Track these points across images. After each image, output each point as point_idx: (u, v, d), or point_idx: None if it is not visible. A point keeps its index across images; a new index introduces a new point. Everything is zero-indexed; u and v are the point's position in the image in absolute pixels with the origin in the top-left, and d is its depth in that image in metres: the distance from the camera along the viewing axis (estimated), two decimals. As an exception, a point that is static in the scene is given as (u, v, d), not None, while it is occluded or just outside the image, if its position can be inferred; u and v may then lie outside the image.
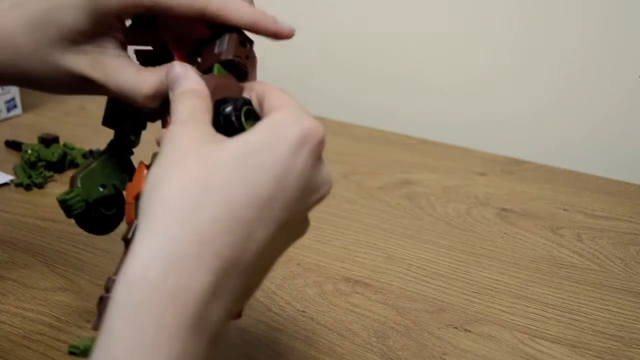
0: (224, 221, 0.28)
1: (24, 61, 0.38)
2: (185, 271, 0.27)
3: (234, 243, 0.28)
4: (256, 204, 0.28)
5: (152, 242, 0.27)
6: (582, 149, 0.79)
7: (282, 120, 0.30)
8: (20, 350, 0.47)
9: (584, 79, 0.78)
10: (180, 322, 0.26)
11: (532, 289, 0.53)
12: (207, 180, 0.28)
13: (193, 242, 0.27)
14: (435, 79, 0.87)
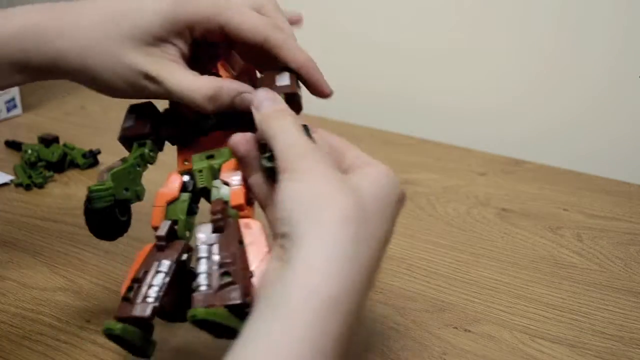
0: (373, 252, 0.33)
1: (89, 52, 0.41)
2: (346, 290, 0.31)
3: (372, 270, 0.33)
4: (384, 240, 0.34)
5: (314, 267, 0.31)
6: (583, 149, 0.79)
7: (387, 176, 0.36)
8: (20, 350, 0.47)
9: (584, 79, 0.78)
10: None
11: (532, 289, 0.53)
12: (359, 214, 0.32)
13: (348, 266, 0.31)
14: (436, 78, 0.87)
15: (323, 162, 0.35)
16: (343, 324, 0.30)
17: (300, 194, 0.33)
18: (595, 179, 0.72)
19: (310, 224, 0.32)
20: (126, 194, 0.42)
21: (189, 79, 0.41)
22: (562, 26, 0.77)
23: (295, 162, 0.34)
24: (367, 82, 0.92)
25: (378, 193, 0.34)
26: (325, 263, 0.31)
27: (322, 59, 1.03)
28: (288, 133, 0.36)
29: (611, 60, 0.75)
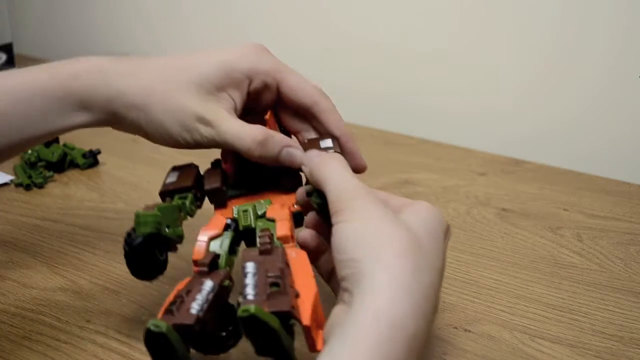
0: (432, 280, 0.35)
1: (149, 91, 0.45)
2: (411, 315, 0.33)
3: (433, 297, 0.35)
4: (440, 270, 0.36)
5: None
6: (583, 149, 0.79)
7: (433, 213, 0.38)
8: (20, 350, 0.47)
9: (584, 79, 0.78)
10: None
11: (532, 289, 0.53)
12: (416, 247, 0.35)
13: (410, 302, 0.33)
14: (436, 78, 0.87)
15: (374, 202, 0.36)
16: (408, 348, 0.32)
17: (358, 234, 0.35)
18: (595, 179, 0.72)
19: (373, 260, 0.33)
20: (168, 231, 0.42)
21: (241, 124, 0.44)
22: (562, 26, 0.77)
23: (349, 202, 0.36)
24: (367, 82, 0.92)
25: (428, 227, 0.37)
26: (389, 290, 0.32)
27: (322, 58, 1.03)
28: (339, 175, 0.39)
29: (611, 60, 0.75)
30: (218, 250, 0.41)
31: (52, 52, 1.18)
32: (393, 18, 0.87)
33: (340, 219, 0.36)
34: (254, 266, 0.36)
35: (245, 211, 0.44)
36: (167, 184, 0.46)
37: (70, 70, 0.46)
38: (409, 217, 0.37)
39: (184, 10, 1.04)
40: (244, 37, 1.00)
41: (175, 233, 0.43)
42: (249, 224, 0.43)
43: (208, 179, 0.46)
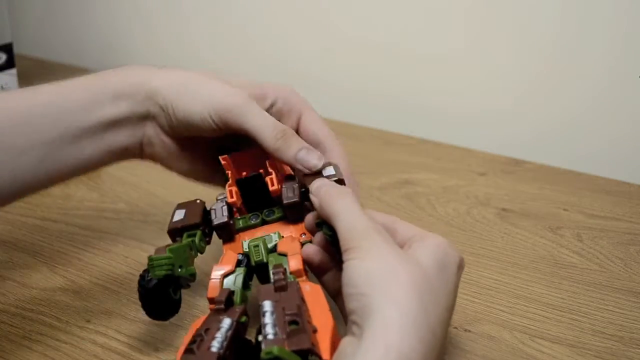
0: (439, 316, 0.35)
1: (181, 86, 0.48)
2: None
3: (440, 332, 0.35)
4: (449, 306, 0.37)
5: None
6: (583, 149, 0.79)
7: (444, 247, 0.39)
8: (20, 350, 0.47)
9: (584, 79, 0.78)
10: None
11: (532, 289, 0.53)
12: (424, 283, 0.35)
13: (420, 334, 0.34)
14: (436, 78, 0.87)
15: (384, 240, 0.37)
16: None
17: (369, 271, 0.36)
18: (595, 179, 0.72)
19: (382, 294, 0.34)
20: (181, 271, 0.43)
21: (266, 114, 0.47)
22: (562, 26, 0.77)
23: (359, 241, 0.37)
24: (367, 82, 0.92)
25: (438, 263, 0.37)
26: (399, 326, 0.33)
27: (322, 58, 1.03)
28: (349, 213, 0.39)
29: (611, 60, 0.75)
30: (232, 287, 0.42)
31: (52, 52, 1.18)
32: (393, 18, 0.87)
33: (351, 257, 0.37)
34: (271, 305, 0.37)
35: (256, 246, 0.44)
36: (175, 222, 0.46)
37: (111, 70, 0.50)
38: (419, 252, 0.38)
39: (184, 11, 1.04)
40: (244, 37, 1.00)
41: (187, 272, 0.43)
42: (261, 258, 0.44)
43: (215, 214, 0.46)
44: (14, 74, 0.89)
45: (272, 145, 0.45)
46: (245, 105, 0.46)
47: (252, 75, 1.00)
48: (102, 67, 1.16)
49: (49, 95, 0.48)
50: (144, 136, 0.49)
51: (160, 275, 0.41)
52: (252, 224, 0.47)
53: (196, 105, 0.47)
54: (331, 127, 0.86)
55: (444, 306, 0.36)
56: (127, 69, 0.50)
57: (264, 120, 0.46)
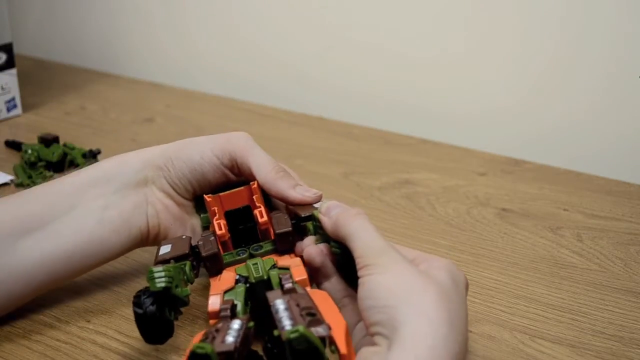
0: (462, 330, 0.36)
1: (187, 144, 0.50)
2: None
3: (463, 345, 0.36)
4: (466, 321, 0.38)
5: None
6: (583, 149, 0.79)
7: (452, 266, 0.40)
8: (20, 350, 0.47)
9: (584, 79, 0.78)
10: None
11: (532, 289, 0.53)
12: (447, 298, 0.37)
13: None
14: (436, 78, 0.87)
15: (400, 257, 0.39)
16: None
17: (391, 283, 0.37)
18: (595, 179, 0.72)
19: (409, 306, 0.35)
20: (177, 290, 0.41)
21: (264, 153, 0.49)
22: (563, 27, 0.77)
23: (377, 258, 0.38)
24: (367, 82, 0.92)
25: (454, 281, 0.38)
26: (429, 337, 0.34)
27: (322, 59, 1.03)
28: (366, 232, 0.40)
29: (611, 60, 0.75)
30: (234, 301, 0.41)
31: (52, 52, 1.18)
32: (393, 18, 0.87)
33: (369, 272, 0.38)
34: (283, 301, 0.36)
35: (255, 264, 0.44)
36: (163, 254, 0.44)
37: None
38: (435, 271, 0.38)
39: (184, 11, 1.04)
40: (244, 37, 1.00)
41: (183, 293, 0.42)
42: (261, 275, 0.43)
43: (204, 246, 0.45)
44: (14, 74, 0.89)
45: (272, 181, 0.47)
46: (249, 141, 0.49)
47: (252, 75, 1.00)
48: (102, 67, 1.17)
49: (41, 188, 0.50)
50: (145, 204, 0.49)
51: (161, 287, 0.40)
52: (240, 259, 0.46)
53: (199, 146, 0.49)
54: (331, 127, 0.86)
55: (463, 316, 0.37)
56: (114, 157, 0.51)
57: (266, 156, 0.48)
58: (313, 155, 0.78)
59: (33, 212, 0.47)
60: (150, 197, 0.49)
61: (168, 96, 0.98)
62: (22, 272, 0.47)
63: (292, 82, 0.97)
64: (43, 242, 0.47)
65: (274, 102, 0.94)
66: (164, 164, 0.49)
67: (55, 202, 0.48)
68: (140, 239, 0.50)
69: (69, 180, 0.49)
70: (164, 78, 1.05)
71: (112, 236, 0.49)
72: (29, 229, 0.47)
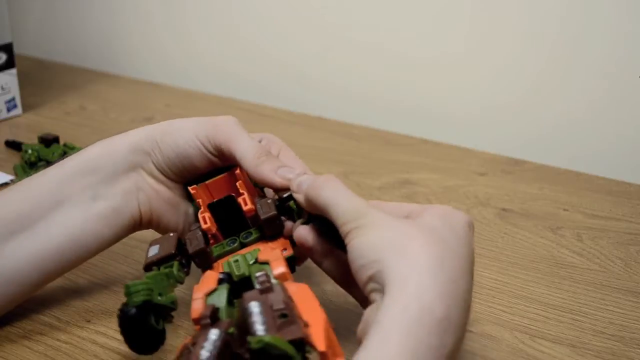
0: (459, 269, 0.35)
1: (170, 126, 0.49)
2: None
3: (462, 284, 0.35)
4: (466, 258, 0.37)
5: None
6: (583, 149, 0.79)
7: (449, 210, 0.39)
8: (20, 350, 0.47)
9: (584, 79, 0.78)
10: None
11: (532, 289, 0.53)
12: (439, 240, 0.36)
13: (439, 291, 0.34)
14: (436, 78, 0.87)
15: (381, 215, 0.37)
16: (438, 331, 0.33)
17: (377, 239, 0.36)
18: (595, 179, 0.72)
19: (396, 255, 0.35)
20: (161, 299, 0.41)
21: (249, 136, 0.47)
22: (563, 26, 0.77)
23: (358, 221, 0.37)
24: (367, 82, 0.92)
25: (447, 223, 0.37)
26: (416, 277, 0.33)
27: (322, 58, 1.03)
28: (341, 197, 0.39)
29: (611, 60, 0.75)
30: (217, 304, 0.40)
31: (52, 52, 1.18)
32: (393, 18, 0.87)
33: (353, 236, 0.37)
34: (258, 304, 0.36)
35: (236, 261, 0.43)
36: (151, 257, 0.44)
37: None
38: (427, 218, 0.37)
39: (184, 11, 1.04)
40: (244, 37, 1.00)
41: (168, 299, 0.41)
42: (242, 272, 0.42)
43: (190, 243, 0.45)
44: (14, 74, 0.89)
45: (254, 160, 0.45)
46: (233, 125, 0.47)
47: (252, 75, 1.00)
48: (102, 67, 1.17)
49: (24, 182, 0.48)
50: (135, 190, 0.48)
51: (138, 301, 0.39)
52: (230, 249, 0.45)
53: (184, 132, 0.47)
54: (331, 127, 0.86)
55: (462, 256, 0.36)
56: (98, 143, 0.50)
57: (249, 140, 0.46)
58: (313, 155, 0.78)
59: (19, 212, 0.46)
60: (140, 182, 0.48)
61: (168, 96, 0.98)
62: (13, 273, 0.46)
63: (292, 82, 0.97)
64: (32, 242, 0.46)
65: (274, 102, 0.94)
66: (150, 149, 0.48)
67: (40, 200, 0.47)
68: (133, 226, 0.49)
69: (53, 173, 0.48)
70: (164, 78, 1.05)
71: (103, 228, 0.47)
72: (16, 230, 0.46)
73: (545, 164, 0.76)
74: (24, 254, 0.46)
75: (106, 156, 0.48)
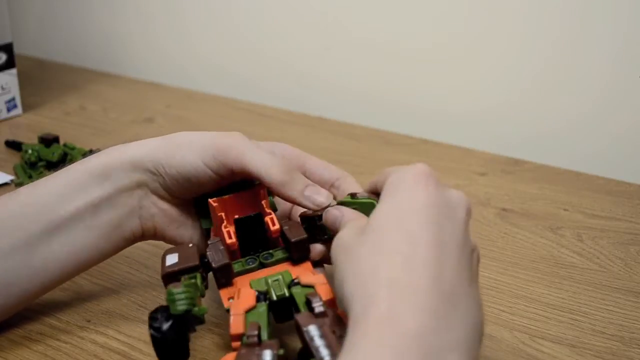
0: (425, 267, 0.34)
1: (178, 139, 0.47)
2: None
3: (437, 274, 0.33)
4: (435, 239, 0.35)
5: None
6: (583, 149, 0.79)
7: (399, 177, 0.39)
8: (20, 350, 0.47)
9: (584, 79, 0.78)
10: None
11: (532, 289, 0.53)
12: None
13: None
14: (436, 78, 0.87)
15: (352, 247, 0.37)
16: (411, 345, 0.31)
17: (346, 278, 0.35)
18: (595, 179, 0.72)
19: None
20: (195, 310, 0.40)
21: (269, 153, 0.45)
22: (563, 26, 0.77)
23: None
24: (367, 82, 0.92)
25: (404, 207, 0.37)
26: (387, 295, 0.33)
27: (322, 58, 1.03)
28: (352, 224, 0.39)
29: (611, 60, 0.75)
30: (258, 322, 0.39)
31: (52, 52, 1.18)
32: (393, 18, 0.87)
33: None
34: (317, 327, 0.35)
35: (276, 280, 0.42)
36: (171, 266, 0.42)
37: (90, 156, 0.48)
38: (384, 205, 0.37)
39: (184, 11, 1.04)
40: (244, 37, 1.00)
41: (201, 311, 0.40)
42: (282, 293, 0.41)
43: (213, 256, 0.43)
44: (14, 74, 0.89)
45: (279, 180, 0.43)
46: (243, 143, 0.44)
47: (252, 75, 1.00)
48: (102, 67, 1.17)
49: (25, 195, 0.47)
50: (138, 208, 0.47)
51: (183, 310, 0.38)
52: (250, 268, 0.44)
53: (189, 155, 0.45)
54: (331, 127, 0.86)
55: (435, 262, 0.34)
56: (103, 151, 0.48)
57: (266, 156, 0.44)
58: (313, 155, 0.78)
59: (19, 226, 0.45)
60: (144, 200, 0.47)
61: (168, 96, 0.98)
62: (13, 286, 0.46)
63: (292, 82, 0.97)
64: (33, 256, 0.45)
65: (274, 102, 0.94)
66: (154, 168, 0.46)
67: (42, 211, 0.46)
68: (133, 240, 0.49)
69: (55, 186, 0.47)
70: (164, 78, 1.05)
71: (104, 243, 0.47)
72: (17, 245, 0.45)
73: (545, 164, 0.76)
74: (24, 267, 0.46)
75: (109, 170, 0.47)
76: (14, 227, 0.45)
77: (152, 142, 0.47)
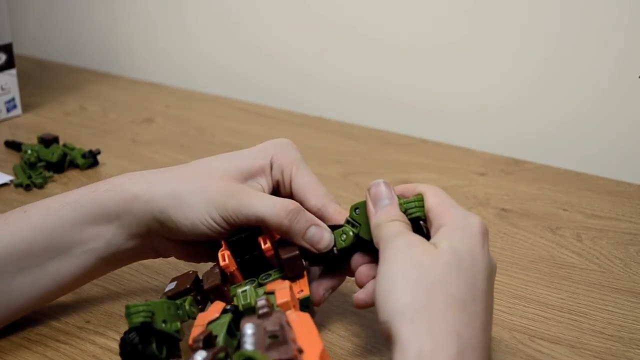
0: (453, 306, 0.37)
1: (177, 181, 0.47)
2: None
3: (465, 321, 0.36)
4: (469, 289, 0.38)
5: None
6: (583, 149, 0.79)
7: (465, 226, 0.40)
8: (19, 350, 0.47)
9: (584, 79, 0.78)
10: None
11: (531, 289, 0.53)
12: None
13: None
14: (436, 78, 0.87)
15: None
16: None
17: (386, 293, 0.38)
18: (595, 179, 0.72)
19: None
20: (164, 326, 0.41)
21: (271, 196, 0.46)
22: (563, 26, 0.77)
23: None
24: (367, 82, 0.92)
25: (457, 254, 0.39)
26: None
27: (322, 58, 1.03)
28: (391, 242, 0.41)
29: (611, 60, 0.75)
30: (216, 332, 0.40)
31: (52, 52, 1.18)
32: (393, 18, 0.87)
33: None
34: (253, 326, 0.36)
35: (244, 291, 0.43)
36: (166, 291, 0.45)
37: (101, 185, 0.47)
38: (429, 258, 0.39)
39: (183, 10, 1.04)
40: (244, 37, 1.00)
41: (172, 328, 0.41)
42: (248, 302, 0.42)
43: (207, 279, 0.45)
44: (14, 74, 0.89)
45: (283, 225, 0.44)
46: (243, 197, 0.45)
47: (252, 75, 1.00)
48: (102, 67, 1.17)
49: (37, 217, 0.47)
50: (151, 245, 0.48)
51: (137, 322, 0.39)
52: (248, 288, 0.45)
53: (196, 214, 0.45)
54: (331, 127, 0.86)
55: (455, 297, 0.37)
56: (116, 185, 0.47)
57: (268, 203, 0.44)
58: (313, 155, 0.78)
59: (29, 250, 0.45)
60: (157, 242, 0.48)
61: (168, 96, 0.98)
62: (18, 306, 0.47)
63: (292, 82, 0.97)
64: (40, 280, 0.46)
65: (274, 102, 0.94)
66: (164, 220, 0.46)
67: (52, 240, 0.46)
68: (142, 259, 0.51)
69: (67, 215, 0.46)
70: (164, 78, 1.05)
71: (113, 268, 0.50)
72: (26, 266, 0.46)
73: (545, 164, 0.76)
74: (31, 290, 0.46)
75: (122, 210, 0.46)
76: (24, 253, 0.46)
77: (160, 189, 0.46)
